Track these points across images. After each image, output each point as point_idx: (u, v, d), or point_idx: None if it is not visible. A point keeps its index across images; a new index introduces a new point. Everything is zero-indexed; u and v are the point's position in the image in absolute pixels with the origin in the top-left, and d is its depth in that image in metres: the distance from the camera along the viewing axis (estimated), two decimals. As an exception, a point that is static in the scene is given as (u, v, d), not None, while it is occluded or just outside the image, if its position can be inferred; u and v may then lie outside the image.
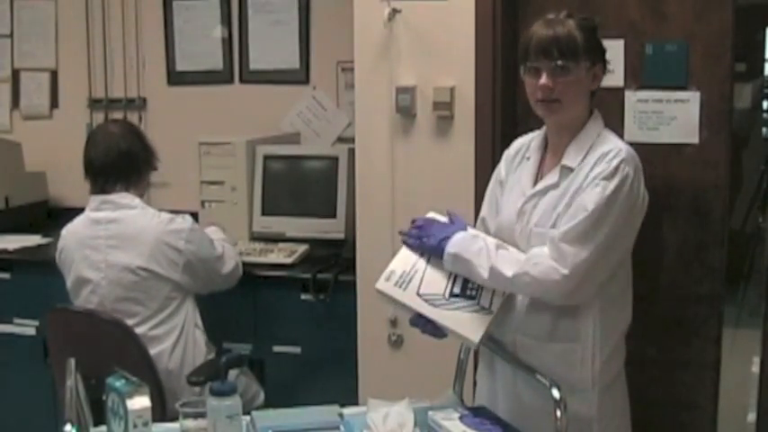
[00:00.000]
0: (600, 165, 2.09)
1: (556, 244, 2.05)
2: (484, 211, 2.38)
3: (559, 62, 2.11)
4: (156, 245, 2.81)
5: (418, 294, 2.12)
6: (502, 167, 2.36)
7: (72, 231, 2.93)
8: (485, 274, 2.09)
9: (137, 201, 2.88)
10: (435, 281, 2.14)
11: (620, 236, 2.10)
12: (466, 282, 2.13)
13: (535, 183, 2.22)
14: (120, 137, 2.90)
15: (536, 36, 2.15)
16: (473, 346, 2.21)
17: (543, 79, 2.13)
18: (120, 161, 2.87)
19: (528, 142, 2.32)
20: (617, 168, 2.06)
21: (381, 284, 2.16)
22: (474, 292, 2.13)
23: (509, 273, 2.07)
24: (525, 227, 2.17)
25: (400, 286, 2.13)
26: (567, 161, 2.16)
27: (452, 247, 2.14)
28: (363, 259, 3.06)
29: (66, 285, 2.94)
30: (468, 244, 2.14)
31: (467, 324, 2.09)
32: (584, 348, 2.14)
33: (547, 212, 2.14)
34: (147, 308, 2.82)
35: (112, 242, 2.82)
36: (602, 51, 2.21)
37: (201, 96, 4.04)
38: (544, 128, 2.28)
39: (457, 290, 2.13)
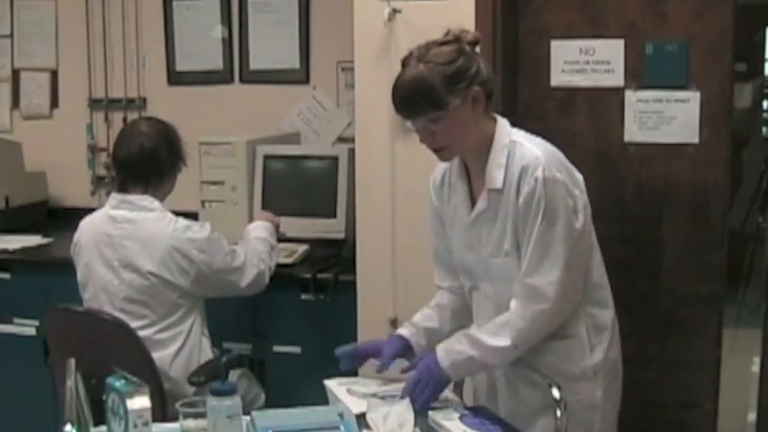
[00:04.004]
0: (524, 184, 2.02)
1: (524, 283, 2.04)
2: (433, 243, 2.33)
3: (422, 119, 2.03)
4: (168, 251, 2.76)
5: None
6: (433, 197, 2.29)
7: (89, 224, 2.90)
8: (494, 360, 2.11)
9: (156, 204, 2.82)
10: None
11: (578, 234, 2.06)
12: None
13: (471, 209, 2.16)
14: (146, 136, 2.83)
15: (393, 93, 2.05)
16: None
17: (419, 137, 2.08)
18: (141, 161, 2.81)
19: (449, 167, 2.22)
20: (541, 180, 2.00)
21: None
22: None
23: (507, 342, 2.05)
24: (479, 257, 2.16)
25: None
26: (491, 184, 2.08)
27: (445, 363, 2.10)
28: (363, 259, 3.06)
29: (78, 277, 2.92)
30: (455, 355, 2.10)
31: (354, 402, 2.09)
32: (581, 343, 2.14)
33: (497, 242, 2.10)
34: (154, 312, 2.80)
35: (127, 242, 2.79)
36: (474, 72, 2.03)
37: (201, 96, 4.04)
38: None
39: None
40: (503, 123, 2.14)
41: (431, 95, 2.00)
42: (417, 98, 2.01)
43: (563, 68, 2.96)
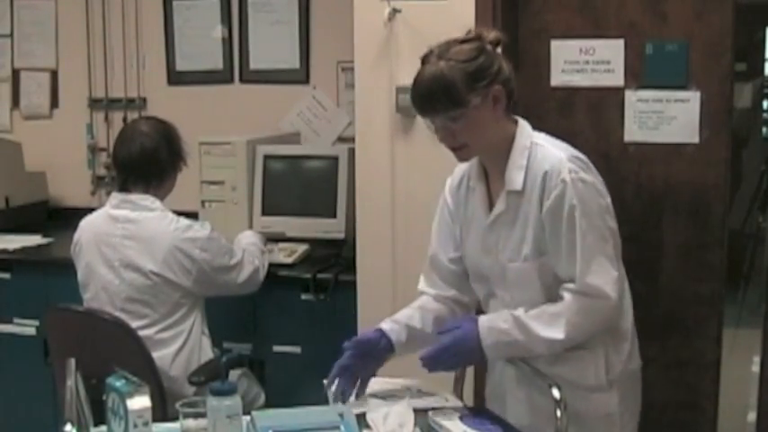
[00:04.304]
0: (551, 188, 1.99)
1: (584, 283, 1.99)
2: (434, 248, 2.26)
3: (442, 117, 2.00)
4: (171, 251, 2.78)
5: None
6: (449, 199, 2.24)
7: (90, 224, 2.91)
8: (540, 349, 2.04)
9: (157, 203, 2.83)
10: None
11: (613, 229, 2.06)
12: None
13: (490, 212, 2.13)
14: (146, 136, 2.84)
15: (412, 91, 2.02)
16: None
17: (438, 136, 2.04)
18: (142, 161, 2.82)
19: (468, 170, 2.19)
20: (570, 183, 1.98)
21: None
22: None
23: (561, 336, 2.00)
24: (496, 261, 2.11)
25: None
26: (511, 186, 2.05)
27: (487, 341, 2.05)
28: (363, 259, 3.06)
29: (78, 277, 2.92)
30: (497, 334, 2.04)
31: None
32: (596, 355, 2.09)
33: (516, 246, 2.07)
34: (155, 311, 2.80)
35: (128, 242, 2.80)
36: (495, 70, 2.01)
37: (201, 96, 4.04)
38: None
39: None
40: (524, 125, 2.11)
41: (451, 93, 1.97)
42: (438, 95, 1.97)
43: (563, 68, 2.96)
